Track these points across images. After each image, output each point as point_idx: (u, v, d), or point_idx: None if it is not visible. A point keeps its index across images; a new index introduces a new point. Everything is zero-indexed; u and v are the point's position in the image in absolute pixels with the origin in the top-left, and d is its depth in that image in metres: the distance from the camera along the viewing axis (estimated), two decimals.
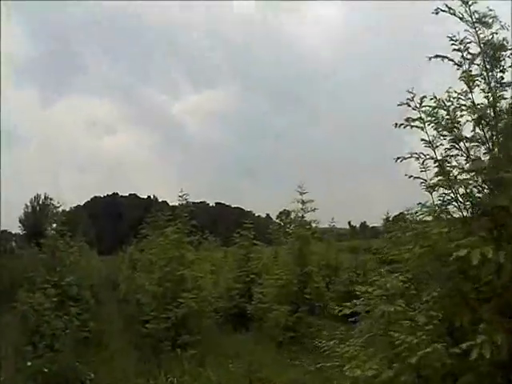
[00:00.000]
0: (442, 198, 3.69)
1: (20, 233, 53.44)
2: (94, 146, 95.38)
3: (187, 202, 11.43)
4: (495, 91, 3.90)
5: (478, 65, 3.99)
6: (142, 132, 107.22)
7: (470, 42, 3.94)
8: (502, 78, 3.98)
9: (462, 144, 3.70)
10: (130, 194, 77.41)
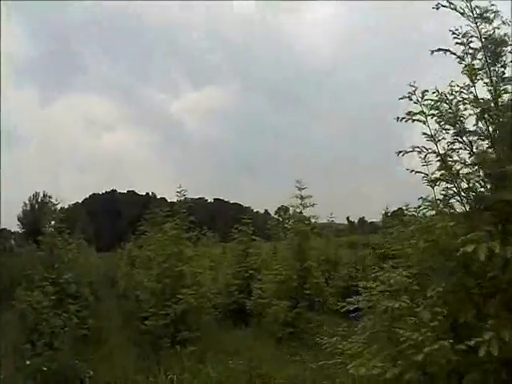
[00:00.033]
0: (444, 193, 3.66)
1: (19, 231, 53.39)
2: (93, 144, 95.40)
3: (185, 197, 11.36)
4: (496, 86, 3.87)
5: (479, 59, 3.96)
6: (141, 130, 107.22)
7: (472, 36, 3.90)
8: (504, 73, 3.96)
9: (465, 138, 3.66)
10: (128, 191, 77.38)
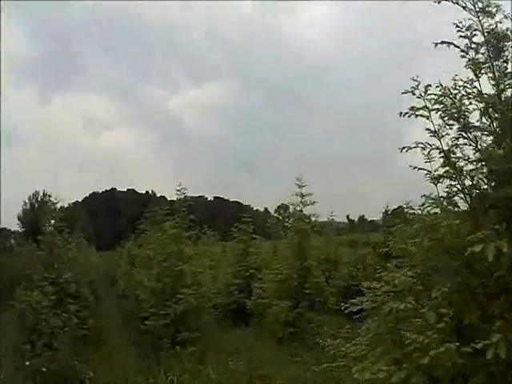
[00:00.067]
0: (448, 190, 3.58)
1: (19, 230, 53.33)
2: (92, 143, 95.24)
3: (185, 196, 11.28)
4: (500, 80, 3.81)
5: (482, 54, 3.90)
6: (140, 128, 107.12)
7: (475, 30, 3.83)
8: (506, 68, 3.90)
9: (469, 133, 3.58)
10: (128, 190, 77.26)
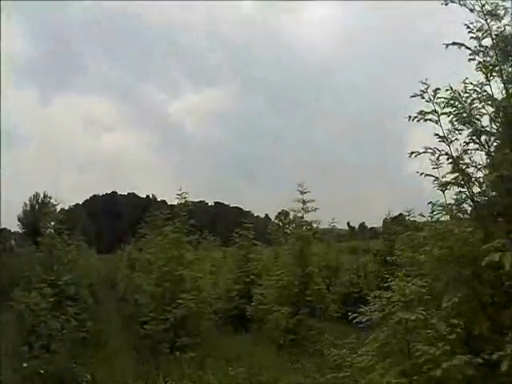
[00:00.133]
0: (457, 197, 3.51)
1: (19, 231, 53.25)
2: (92, 145, 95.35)
3: (186, 200, 11.20)
4: (508, 84, 3.75)
5: (490, 57, 3.84)
6: (140, 131, 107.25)
7: (486, 31, 3.77)
8: None
9: (482, 138, 3.50)
10: (128, 193, 77.29)
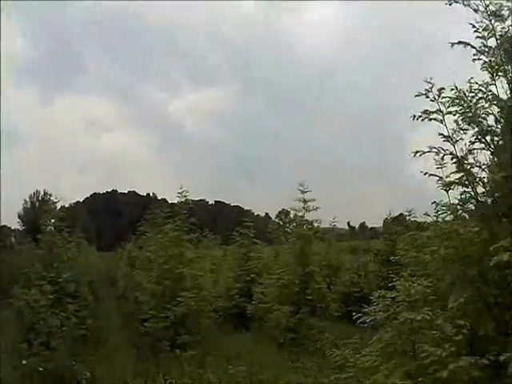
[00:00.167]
0: (463, 196, 3.47)
1: (19, 228, 53.29)
2: (93, 144, 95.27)
3: (187, 199, 11.18)
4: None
5: (495, 57, 3.81)
6: (140, 130, 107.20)
7: (491, 31, 3.75)
8: None
9: (487, 138, 3.46)
10: (129, 191, 77.25)
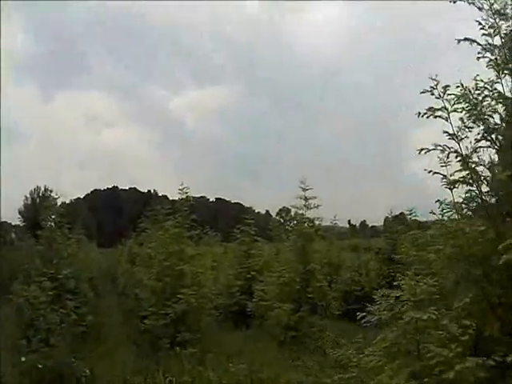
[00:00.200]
0: (467, 195, 3.43)
1: (20, 224, 53.30)
2: (93, 141, 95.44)
3: (187, 196, 11.12)
4: None
5: (500, 56, 3.76)
6: (141, 127, 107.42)
7: (496, 29, 3.70)
8: None
9: (493, 136, 3.41)
10: (129, 188, 77.29)
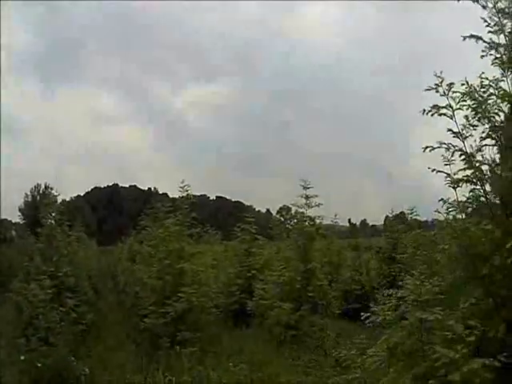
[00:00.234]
0: (471, 194, 3.38)
1: (20, 222, 53.30)
2: (95, 138, 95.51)
3: (188, 194, 11.06)
4: None
5: (504, 54, 3.72)
6: (143, 125, 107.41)
7: (501, 28, 3.65)
8: None
9: (498, 134, 3.36)
10: (130, 186, 77.31)
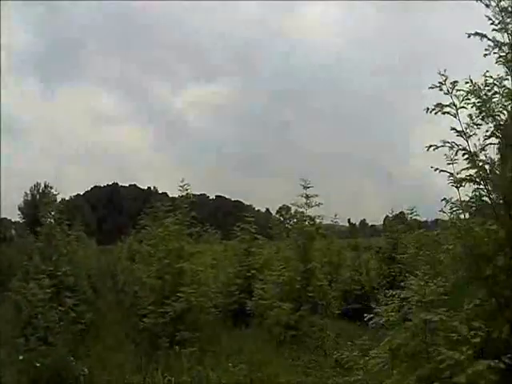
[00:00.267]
0: (474, 194, 3.35)
1: (19, 221, 53.28)
2: (95, 137, 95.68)
3: (188, 193, 11.02)
4: None
5: (507, 53, 3.69)
6: (143, 124, 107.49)
7: (505, 26, 3.63)
8: None
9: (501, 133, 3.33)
10: (130, 185, 77.30)
